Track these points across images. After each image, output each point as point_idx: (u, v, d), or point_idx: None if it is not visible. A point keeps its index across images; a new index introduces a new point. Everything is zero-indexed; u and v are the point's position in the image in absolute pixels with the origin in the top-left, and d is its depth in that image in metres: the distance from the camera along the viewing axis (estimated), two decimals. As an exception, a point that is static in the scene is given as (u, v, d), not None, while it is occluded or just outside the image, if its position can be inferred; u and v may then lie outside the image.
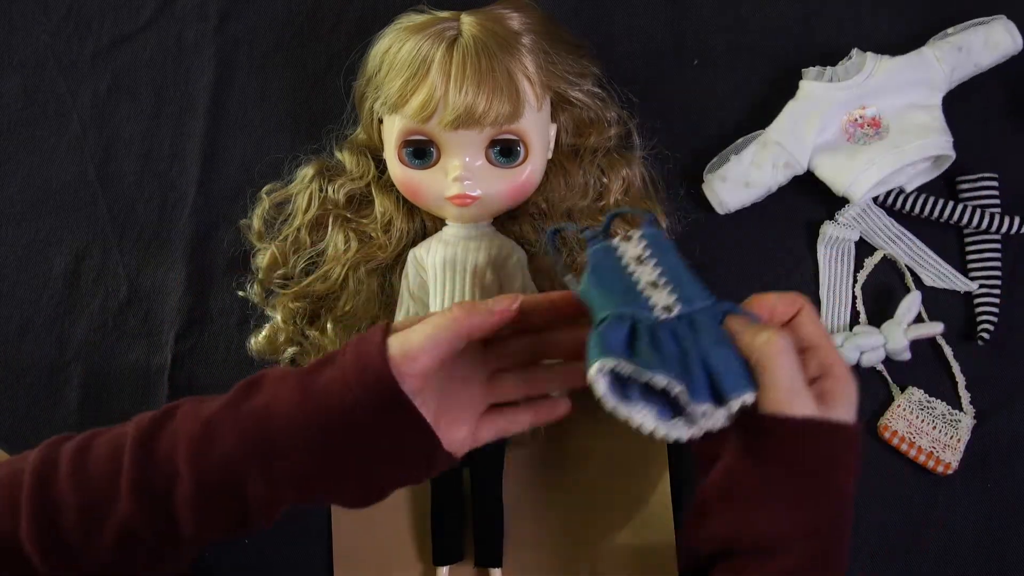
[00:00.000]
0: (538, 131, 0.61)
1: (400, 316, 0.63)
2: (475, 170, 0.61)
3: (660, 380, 0.45)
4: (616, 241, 0.50)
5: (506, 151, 0.60)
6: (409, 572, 0.69)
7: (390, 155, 0.62)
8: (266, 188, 0.70)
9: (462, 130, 0.58)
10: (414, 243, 0.66)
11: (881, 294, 0.71)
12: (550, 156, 0.65)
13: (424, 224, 0.67)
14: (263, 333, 0.68)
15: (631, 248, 0.50)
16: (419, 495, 0.70)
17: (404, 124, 0.60)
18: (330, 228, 0.66)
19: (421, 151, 0.61)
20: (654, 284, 0.49)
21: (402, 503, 0.70)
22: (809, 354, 0.50)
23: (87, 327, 0.74)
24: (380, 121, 0.64)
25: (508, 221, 0.65)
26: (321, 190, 0.67)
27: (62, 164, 0.77)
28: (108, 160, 0.77)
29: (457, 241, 0.63)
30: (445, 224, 0.64)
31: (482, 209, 0.62)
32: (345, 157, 0.67)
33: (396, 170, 0.62)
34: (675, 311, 0.48)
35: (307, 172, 0.68)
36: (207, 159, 0.76)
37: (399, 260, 0.66)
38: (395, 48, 0.60)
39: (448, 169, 0.61)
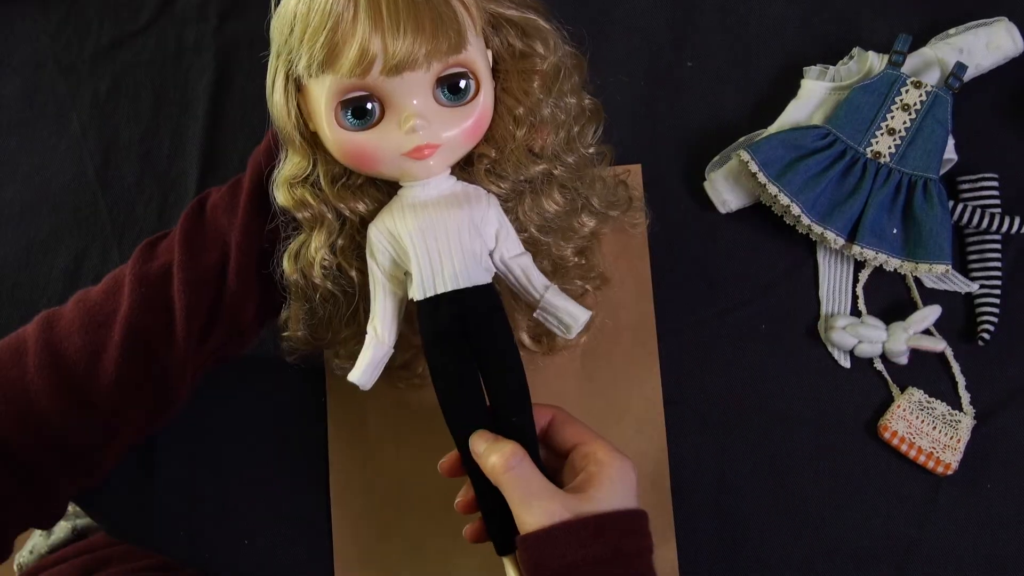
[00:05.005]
0: (483, 59, 0.55)
1: (378, 301, 0.57)
2: (429, 116, 0.53)
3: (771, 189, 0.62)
4: (907, 79, 0.55)
5: (455, 88, 0.54)
6: (409, 573, 0.69)
7: (324, 125, 0.53)
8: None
9: (407, 73, 0.51)
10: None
11: (882, 295, 0.71)
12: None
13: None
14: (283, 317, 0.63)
15: (912, 94, 0.55)
16: (420, 494, 0.70)
17: (337, 83, 0.52)
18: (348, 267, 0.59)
19: (361, 109, 0.53)
20: (891, 131, 0.52)
21: (402, 502, 0.70)
22: (575, 452, 0.54)
23: (87, 327, 0.73)
24: (298, 91, 0.55)
25: (463, 177, 0.58)
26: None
27: (62, 164, 0.77)
28: (108, 160, 0.77)
29: (425, 202, 0.55)
30: (399, 187, 0.57)
31: (442, 158, 0.55)
32: (281, 197, 0.57)
33: (335, 137, 0.53)
34: (883, 160, 0.53)
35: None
36: (207, 159, 0.76)
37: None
38: (306, 1, 0.51)
39: (400, 121, 0.53)
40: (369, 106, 0.53)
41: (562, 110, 0.58)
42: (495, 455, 0.51)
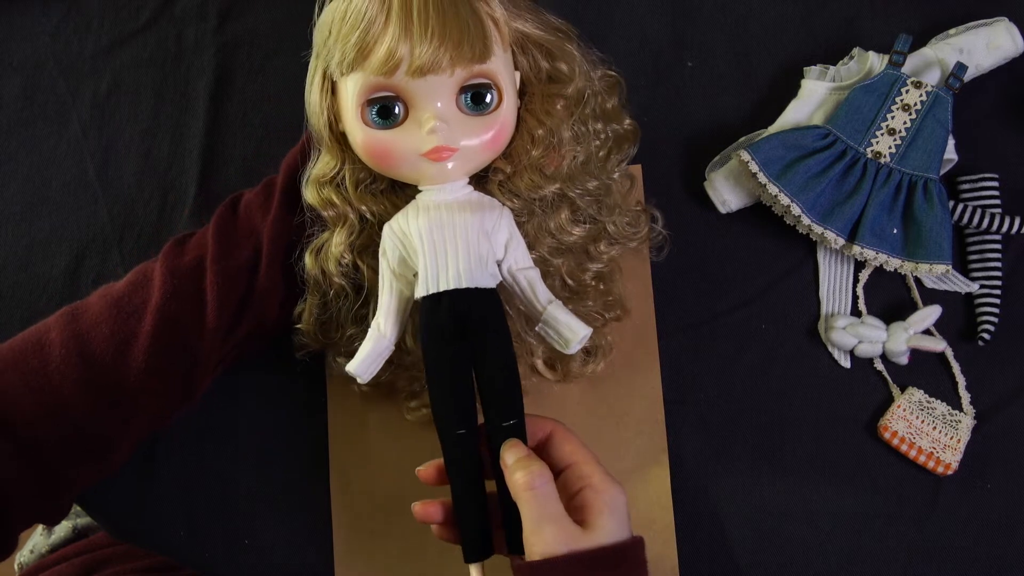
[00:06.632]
0: (508, 74, 0.57)
1: (384, 296, 0.58)
2: (450, 120, 0.56)
3: (772, 189, 0.63)
4: (907, 79, 0.56)
5: (478, 97, 0.56)
6: (409, 572, 0.69)
7: (352, 122, 0.56)
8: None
9: (431, 76, 0.54)
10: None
11: (882, 295, 0.71)
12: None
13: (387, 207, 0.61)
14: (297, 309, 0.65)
15: (912, 94, 0.55)
16: (420, 495, 0.70)
17: (365, 80, 0.55)
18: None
19: (386, 108, 0.55)
20: (892, 131, 0.52)
21: (402, 502, 0.70)
22: (569, 471, 0.55)
23: (87, 327, 0.73)
24: (332, 93, 0.58)
25: (480, 189, 0.60)
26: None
27: (62, 164, 0.77)
28: (108, 160, 0.77)
29: (439, 204, 0.57)
30: (418, 191, 0.59)
31: (460, 164, 0.57)
32: (309, 195, 0.61)
33: (360, 136, 0.56)
34: (883, 160, 0.53)
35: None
36: (207, 159, 0.76)
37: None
38: (345, 3, 0.55)
39: (422, 121, 0.55)
40: (396, 109, 0.55)
41: (584, 135, 0.61)
42: (521, 471, 0.52)
